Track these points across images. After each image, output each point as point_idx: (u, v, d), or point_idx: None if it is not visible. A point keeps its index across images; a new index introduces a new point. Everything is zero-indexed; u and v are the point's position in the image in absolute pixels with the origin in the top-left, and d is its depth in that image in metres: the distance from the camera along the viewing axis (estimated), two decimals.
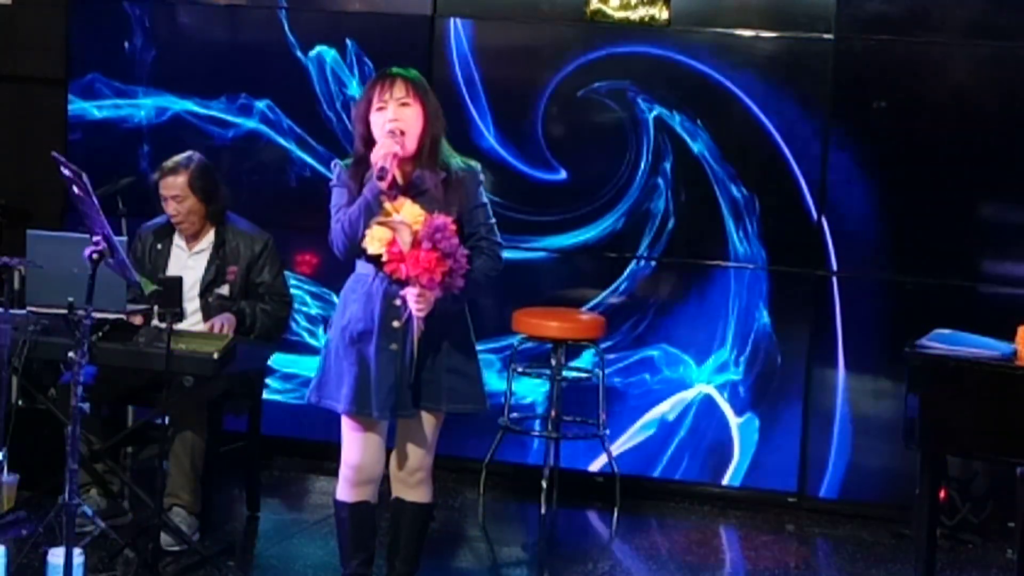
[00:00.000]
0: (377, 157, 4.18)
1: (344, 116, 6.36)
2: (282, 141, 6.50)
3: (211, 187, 5.51)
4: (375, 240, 4.17)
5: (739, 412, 6.21)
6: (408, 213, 4.15)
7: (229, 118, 6.53)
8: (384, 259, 4.17)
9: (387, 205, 4.17)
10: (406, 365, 4.28)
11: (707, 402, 6.25)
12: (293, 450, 6.45)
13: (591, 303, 6.28)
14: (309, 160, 6.46)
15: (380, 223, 4.16)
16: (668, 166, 6.23)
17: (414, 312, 4.21)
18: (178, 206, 5.47)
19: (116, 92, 6.60)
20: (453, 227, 4.16)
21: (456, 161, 4.37)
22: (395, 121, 4.23)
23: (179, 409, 5.15)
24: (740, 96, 6.15)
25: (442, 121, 4.36)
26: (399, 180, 4.26)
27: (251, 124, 6.52)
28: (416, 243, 4.11)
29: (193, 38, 6.61)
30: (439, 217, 4.15)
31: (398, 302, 4.26)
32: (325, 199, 4.39)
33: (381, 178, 4.15)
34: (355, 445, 4.41)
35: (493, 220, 4.40)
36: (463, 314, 4.41)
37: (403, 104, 4.26)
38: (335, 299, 4.91)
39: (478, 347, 4.52)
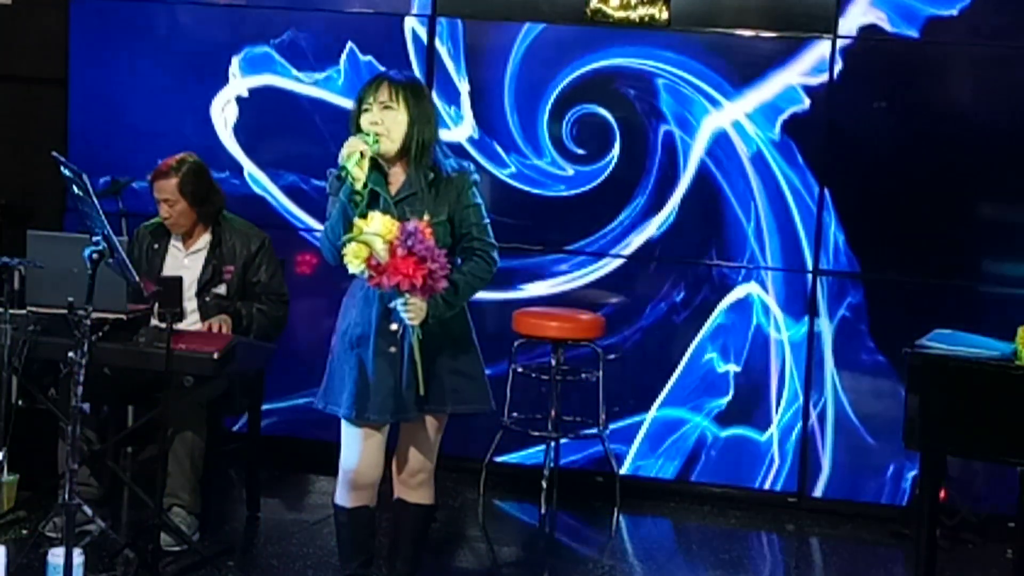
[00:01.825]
0: (341, 156, 4.19)
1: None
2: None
3: (202, 191, 5.50)
4: (354, 259, 4.13)
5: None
6: (379, 225, 4.11)
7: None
8: (366, 275, 4.14)
9: (357, 221, 4.14)
10: (406, 368, 4.28)
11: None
12: (293, 450, 6.46)
13: (604, 309, 6.29)
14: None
15: (352, 239, 4.12)
16: (669, 166, 6.23)
17: (407, 322, 4.20)
18: (169, 208, 5.48)
19: None
20: (428, 230, 4.12)
21: (449, 163, 4.36)
22: (374, 124, 4.24)
23: (179, 409, 5.15)
24: (739, 96, 6.16)
25: (434, 124, 4.34)
26: (365, 180, 4.21)
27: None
28: (392, 252, 4.09)
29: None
30: (411, 222, 4.13)
31: (393, 304, 4.26)
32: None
33: (340, 177, 4.17)
34: (354, 449, 4.40)
35: (487, 221, 4.37)
36: (463, 314, 4.40)
37: (385, 108, 4.26)
38: None
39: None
